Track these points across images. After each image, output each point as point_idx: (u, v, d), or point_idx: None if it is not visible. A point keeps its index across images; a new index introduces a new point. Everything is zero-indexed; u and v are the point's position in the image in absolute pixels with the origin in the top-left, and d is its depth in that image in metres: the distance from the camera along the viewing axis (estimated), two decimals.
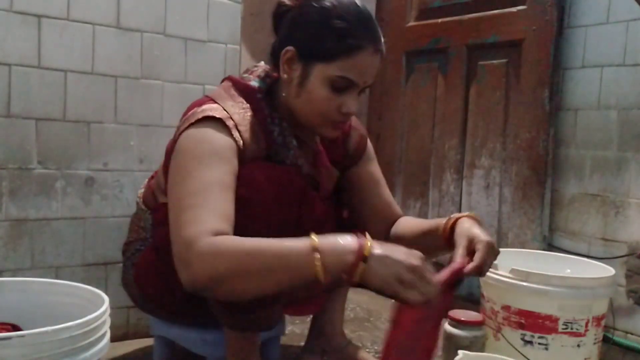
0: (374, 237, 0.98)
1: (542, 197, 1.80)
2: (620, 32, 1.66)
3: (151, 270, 1.27)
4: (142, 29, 1.57)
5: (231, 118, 1.12)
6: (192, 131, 1.11)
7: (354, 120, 1.38)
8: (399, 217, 1.38)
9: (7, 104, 1.40)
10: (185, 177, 1.05)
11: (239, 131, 1.12)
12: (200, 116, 1.11)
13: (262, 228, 1.10)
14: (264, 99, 1.20)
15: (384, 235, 1.35)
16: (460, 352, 1.10)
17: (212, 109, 1.13)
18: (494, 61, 1.95)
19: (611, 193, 1.69)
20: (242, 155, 1.12)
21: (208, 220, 0.96)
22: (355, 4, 1.14)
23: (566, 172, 1.80)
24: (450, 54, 2.09)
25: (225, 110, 1.13)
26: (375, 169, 1.41)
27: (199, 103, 1.17)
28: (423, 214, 2.20)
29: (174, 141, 1.16)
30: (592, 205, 1.73)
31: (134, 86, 1.57)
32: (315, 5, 1.13)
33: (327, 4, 1.12)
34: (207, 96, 1.20)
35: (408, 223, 1.35)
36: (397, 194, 2.29)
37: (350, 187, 1.39)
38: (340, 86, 1.12)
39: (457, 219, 1.16)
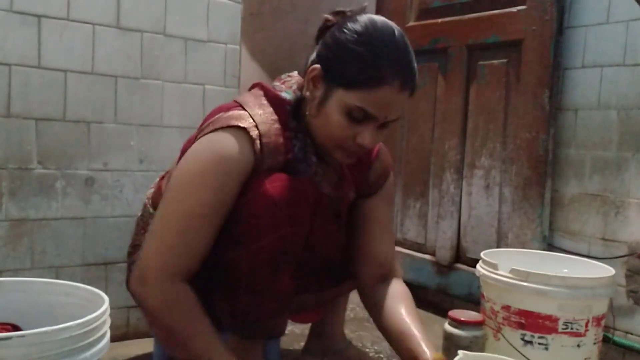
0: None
1: (542, 197, 1.80)
2: (620, 32, 1.66)
3: None
4: (142, 29, 1.57)
5: (257, 127, 1.10)
6: (213, 137, 1.09)
7: (382, 151, 1.32)
8: (390, 272, 1.29)
9: (7, 104, 1.40)
10: (185, 193, 1.08)
11: (262, 142, 1.09)
12: (225, 123, 1.09)
13: (271, 243, 1.10)
14: (292, 113, 1.17)
15: (370, 288, 1.28)
16: (460, 352, 1.10)
17: (238, 117, 1.10)
18: (494, 61, 1.95)
19: (611, 193, 1.68)
20: (259, 167, 1.10)
21: (182, 259, 1.07)
22: (391, 32, 1.07)
23: (566, 172, 1.80)
24: (450, 54, 2.08)
25: (252, 118, 1.11)
26: (385, 208, 1.33)
27: (226, 107, 1.15)
28: (423, 214, 2.20)
29: (193, 141, 1.14)
30: (592, 205, 1.73)
31: (134, 86, 1.57)
32: (349, 27, 1.07)
33: (360, 28, 1.07)
34: (235, 101, 1.18)
35: (394, 311, 1.22)
36: (397, 194, 2.29)
37: (354, 218, 1.32)
38: (357, 116, 1.07)
39: None
